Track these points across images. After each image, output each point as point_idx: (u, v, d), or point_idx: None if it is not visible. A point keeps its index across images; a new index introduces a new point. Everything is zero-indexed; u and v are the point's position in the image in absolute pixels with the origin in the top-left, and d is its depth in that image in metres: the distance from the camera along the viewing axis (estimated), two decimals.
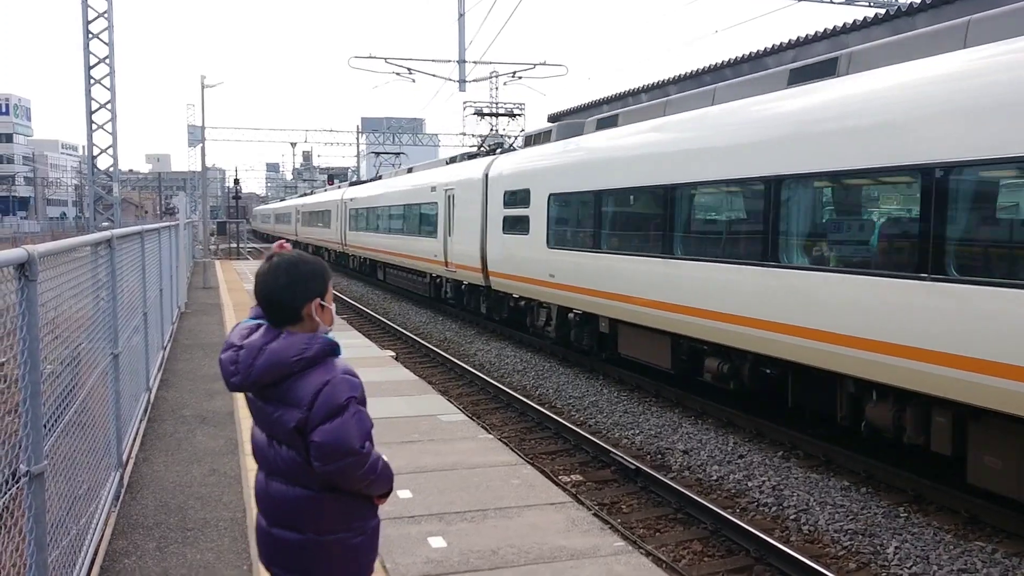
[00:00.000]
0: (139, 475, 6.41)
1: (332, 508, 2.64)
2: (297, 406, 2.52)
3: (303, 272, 2.63)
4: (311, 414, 2.50)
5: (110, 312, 5.89)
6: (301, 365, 2.55)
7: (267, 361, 2.54)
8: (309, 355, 2.56)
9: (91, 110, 21.42)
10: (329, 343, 2.61)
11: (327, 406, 2.51)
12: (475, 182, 18.09)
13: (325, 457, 2.51)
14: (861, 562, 6.59)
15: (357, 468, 2.55)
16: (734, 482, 8.45)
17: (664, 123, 11.41)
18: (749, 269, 9.18)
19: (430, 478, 6.38)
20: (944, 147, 6.88)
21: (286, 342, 2.57)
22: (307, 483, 2.61)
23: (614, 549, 5.03)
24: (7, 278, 3.20)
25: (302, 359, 2.55)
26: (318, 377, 2.55)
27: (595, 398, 12.10)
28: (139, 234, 8.49)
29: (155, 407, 8.68)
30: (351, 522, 2.68)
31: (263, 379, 2.55)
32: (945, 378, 6.83)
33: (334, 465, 2.52)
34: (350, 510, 2.67)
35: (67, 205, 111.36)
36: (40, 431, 3.33)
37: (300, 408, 2.52)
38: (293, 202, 58.16)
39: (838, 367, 8.05)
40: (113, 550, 4.95)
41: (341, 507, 2.65)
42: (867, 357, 7.58)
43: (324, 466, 2.52)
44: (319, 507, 2.62)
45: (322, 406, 2.51)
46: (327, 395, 2.51)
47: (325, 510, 2.63)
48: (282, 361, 2.54)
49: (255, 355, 2.56)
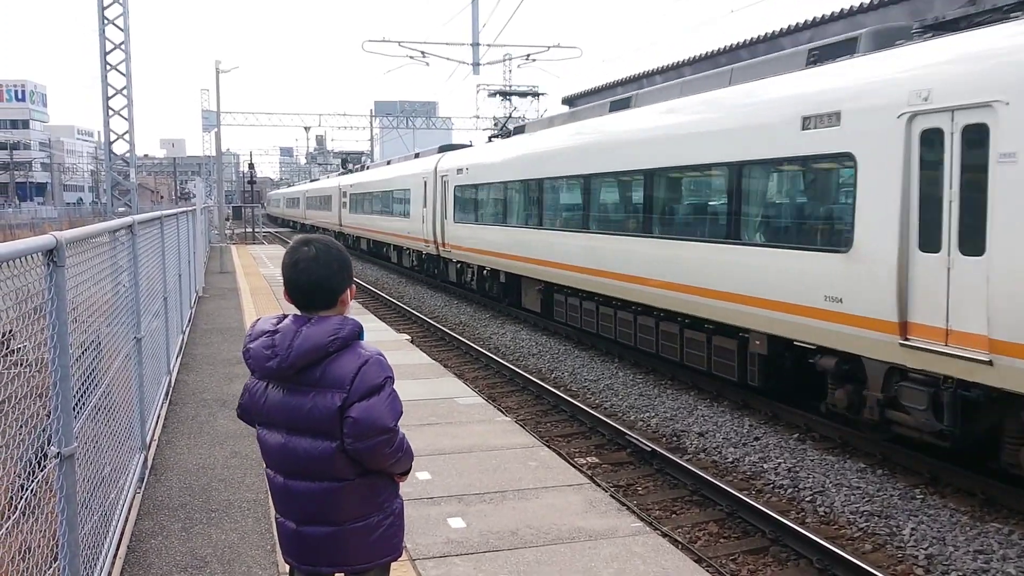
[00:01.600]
0: (162, 457, 6.51)
1: (358, 495, 2.70)
2: (338, 387, 2.61)
3: (344, 259, 2.77)
4: (351, 391, 2.60)
5: (132, 297, 5.97)
6: (336, 345, 2.64)
7: (305, 342, 2.62)
8: (343, 335, 2.65)
9: (107, 96, 21.53)
10: (358, 325, 2.72)
11: (366, 385, 2.61)
12: (429, 174, 23.16)
13: (360, 434, 2.59)
14: (877, 543, 6.62)
15: (387, 446, 2.64)
16: (750, 464, 8.49)
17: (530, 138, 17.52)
18: (602, 236, 13.22)
19: (448, 460, 6.45)
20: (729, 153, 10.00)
21: (320, 325, 2.66)
22: (332, 475, 2.66)
23: (632, 530, 5.09)
24: (36, 264, 3.26)
25: (337, 338, 2.64)
26: (353, 357, 2.64)
27: (610, 381, 12.15)
28: (158, 219, 8.57)
29: (176, 390, 8.79)
30: (379, 505, 2.75)
31: (300, 361, 2.62)
32: (734, 311, 9.81)
33: (367, 442, 2.60)
34: (375, 493, 2.74)
35: (83, 191, 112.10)
36: (70, 414, 3.40)
37: (342, 388, 2.60)
38: (301, 188, 63.73)
39: (668, 306, 11.31)
40: (139, 530, 5.04)
41: (367, 492, 2.72)
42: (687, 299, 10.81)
43: (356, 443, 2.60)
44: (347, 496, 2.69)
45: (361, 384, 2.61)
46: (366, 374, 2.62)
47: (353, 498, 2.69)
48: (319, 342, 2.63)
49: (292, 337, 2.64)
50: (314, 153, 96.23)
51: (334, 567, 2.78)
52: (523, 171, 16.67)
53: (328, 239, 2.80)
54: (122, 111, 21.86)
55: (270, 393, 2.72)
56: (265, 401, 2.73)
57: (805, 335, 8.76)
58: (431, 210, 22.79)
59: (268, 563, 4.60)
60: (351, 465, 2.66)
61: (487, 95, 36.09)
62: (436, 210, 22.34)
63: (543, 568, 4.54)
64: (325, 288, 2.72)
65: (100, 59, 21.25)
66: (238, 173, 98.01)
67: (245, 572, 4.50)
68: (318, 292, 2.71)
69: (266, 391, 2.73)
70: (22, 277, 3.06)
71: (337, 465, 2.65)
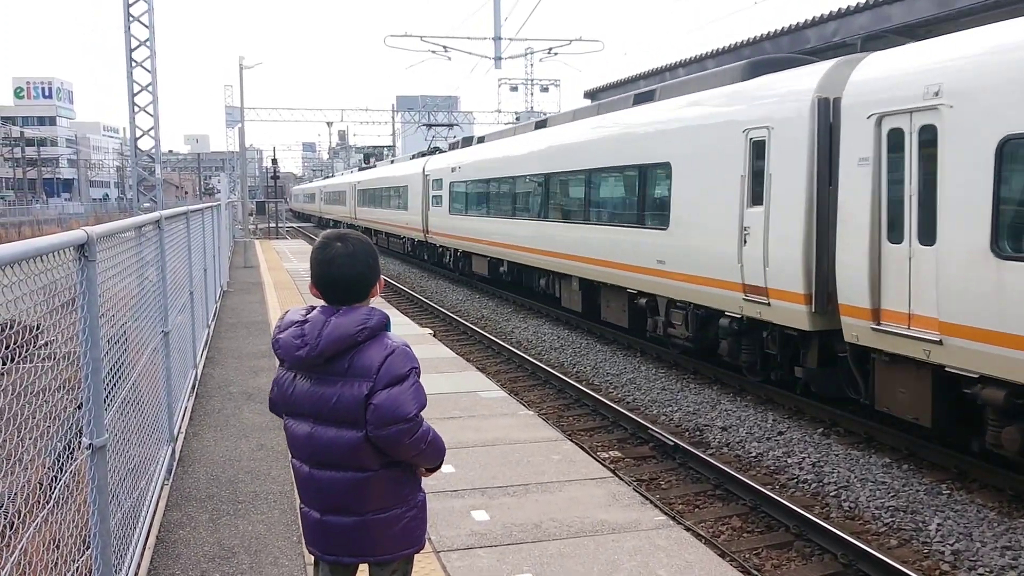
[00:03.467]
0: (189, 450, 6.60)
1: (382, 486, 2.73)
2: (365, 376, 2.65)
3: (374, 254, 2.84)
4: (376, 380, 2.64)
5: (160, 291, 6.04)
6: (365, 335, 2.69)
7: (334, 331, 2.67)
8: (371, 325, 2.70)
9: (133, 92, 21.74)
10: (385, 316, 2.77)
11: (391, 374, 2.66)
12: (417, 175, 27.44)
13: (380, 421, 2.63)
14: (903, 539, 6.57)
15: (408, 435, 2.67)
16: (773, 459, 8.45)
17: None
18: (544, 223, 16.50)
19: (472, 453, 6.48)
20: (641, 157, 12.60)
21: (349, 316, 2.72)
22: (357, 466, 2.70)
23: (655, 523, 5.09)
24: (68, 259, 3.31)
25: (365, 328, 2.69)
26: (380, 348, 2.69)
27: (632, 375, 12.13)
28: (184, 215, 8.66)
29: (202, 384, 8.89)
30: (402, 497, 2.78)
31: (330, 349, 2.67)
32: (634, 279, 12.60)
33: (386, 430, 2.64)
34: (399, 486, 2.77)
35: (109, 187, 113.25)
36: (101, 406, 3.45)
37: (368, 377, 2.65)
38: (318, 184, 68.74)
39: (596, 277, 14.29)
40: (168, 521, 5.12)
41: (390, 484, 2.75)
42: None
43: (377, 430, 2.64)
44: (371, 487, 2.72)
45: (387, 373, 2.65)
46: (392, 363, 2.67)
47: (376, 489, 2.73)
48: (348, 332, 2.68)
49: (321, 327, 2.69)
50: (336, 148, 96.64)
51: (356, 558, 2.81)
52: (497, 171, 19.81)
53: (359, 235, 2.85)
54: (147, 107, 22.06)
55: (298, 383, 2.76)
56: (293, 391, 2.77)
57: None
58: (420, 204, 27.23)
59: (295, 554, 4.65)
60: (376, 455, 2.69)
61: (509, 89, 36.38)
62: (423, 203, 26.82)
63: (567, 561, 4.56)
64: (361, 284, 2.78)
65: (126, 56, 21.45)
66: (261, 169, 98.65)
67: (272, 563, 4.56)
68: (354, 288, 2.78)
69: (294, 381, 2.77)
70: (51, 273, 3.11)
71: (362, 455, 2.68)
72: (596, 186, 14.44)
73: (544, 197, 16.49)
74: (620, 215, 13.57)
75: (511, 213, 18.45)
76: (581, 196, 14.86)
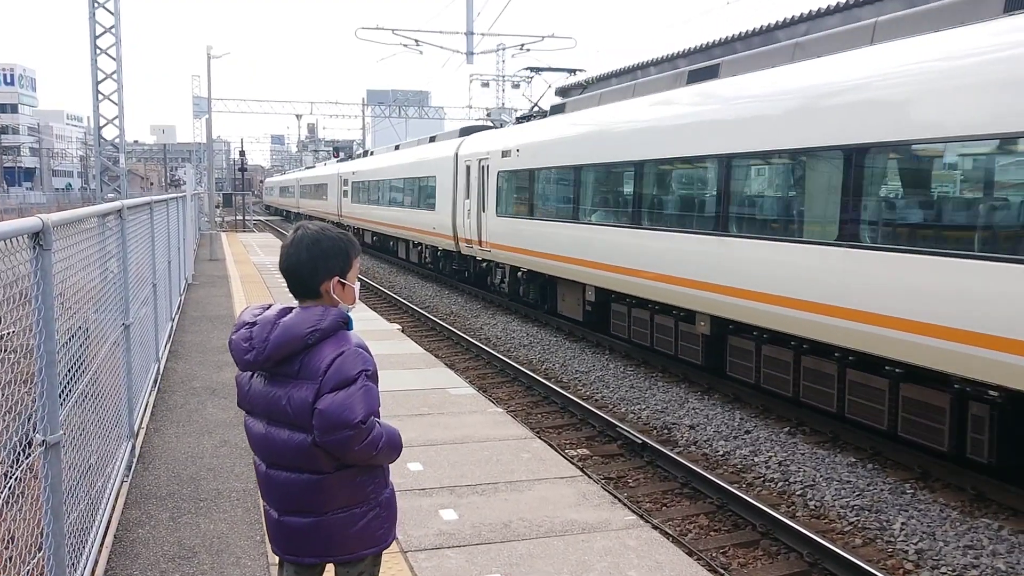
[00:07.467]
0: (150, 446, 6.44)
1: (340, 487, 2.63)
2: (313, 379, 2.52)
3: (324, 248, 2.63)
4: (322, 383, 2.50)
5: (121, 283, 5.89)
6: (315, 337, 2.54)
7: (281, 334, 2.54)
8: (323, 327, 2.56)
9: (97, 80, 21.30)
10: (342, 315, 2.62)
11: (338, 376, 2.51)
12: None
13: (325, 426, 2.50)
14: (867, 538, 6.62)
15: (356, 442, 2.52)
16: (740, 457, 8.48)
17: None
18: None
19: (440, 451, 6.40)
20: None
21: (300, 316, 2.58)
22: (312, 467, 2.59)
23: (625, 523, 5.06)
24: (22, 247, 3.19)
25: (316, 330, 2.54)
26: (331, 348, 2.55)
27: (601, 373, 12.12)
28: (148, 205, 8.47)
29: (165, 378, 8.71)
30: (364, 496, 2.68)
31: (277, 353, 2.54)
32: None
33: (332, 436, 2.50)
34: (358, 486, 2.66)
35: (72, 176, 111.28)
36: (56, 401, 3.33)
37: (315, 380, 2.52)
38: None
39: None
40: (127, 520, 4.98)
41: (348, 485, 2.64)
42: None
43: (323, 436, 2.51)
44: (327, 488, 2.61)
45: (333, 376, 2.51)
46: (339, 365, 2.52)
47: (333, 490, 2.62)
48: (296, 334, 2.54)
49: (269, 330, 2.56)
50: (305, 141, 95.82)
51: (317, 558, 2.71)
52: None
53: (325, 225, 2.71)
54: (112, 96, 21.61)
55: (254, 382, 2.67)
56: (249, 390, 2.68)
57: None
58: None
59: (258, 554, 4.54)
60: (329, 458, 2.58)
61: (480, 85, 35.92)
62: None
63: (536, 561, 4.51)
64: (296, 276, 2.64)
65: (90, 43, 21.00)
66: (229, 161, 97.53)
67: (234, 563, 4.45)
68: (295, 280, 2.64)
69: (251, 380, 2.68)
70: (6, 260, 2.99)
71: (314, 458, 2.57)
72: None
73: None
74: None
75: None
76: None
